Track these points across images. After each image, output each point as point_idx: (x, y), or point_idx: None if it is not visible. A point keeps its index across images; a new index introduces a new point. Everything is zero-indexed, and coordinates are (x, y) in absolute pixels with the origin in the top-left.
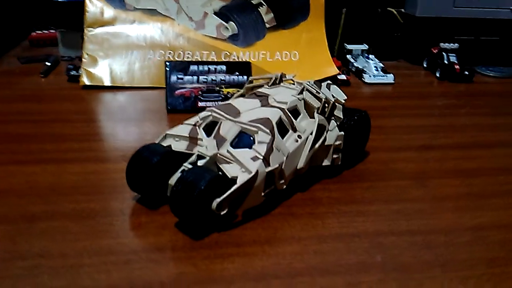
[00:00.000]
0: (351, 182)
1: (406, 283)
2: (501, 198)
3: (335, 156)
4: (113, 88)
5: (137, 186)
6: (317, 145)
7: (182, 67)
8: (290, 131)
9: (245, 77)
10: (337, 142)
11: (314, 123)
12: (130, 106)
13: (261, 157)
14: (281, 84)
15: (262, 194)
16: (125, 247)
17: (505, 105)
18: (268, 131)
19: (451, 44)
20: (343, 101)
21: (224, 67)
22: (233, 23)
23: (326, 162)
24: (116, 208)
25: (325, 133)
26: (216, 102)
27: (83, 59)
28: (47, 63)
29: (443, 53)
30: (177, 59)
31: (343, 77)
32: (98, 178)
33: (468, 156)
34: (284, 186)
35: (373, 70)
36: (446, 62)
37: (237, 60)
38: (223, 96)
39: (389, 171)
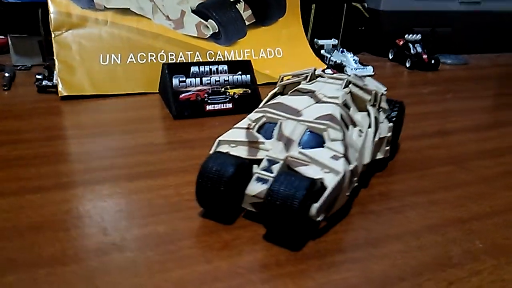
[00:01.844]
0: (401, 173)
1: None
2: None
3: (386, 148)
4: (95, 98)
5: (210, 202)
6: (376, 138)
7: (181, 69)
8: (351, 126)
9: (248, 76)
10: (389, 134)
11: (366, 116)
12: (130, 116)
13: (342, 155)
14: (318, 79)
15: (347, 194)
16: (227, 271)
17: (477, 88)
18: (338, 127)
19: (415, 35)
20: (385, 92)
21: (226, 67)
22: (213, 21)
23: (379, 155)
24: (188, 228)
25: (379, 125)
26: (223, 104)
27: (56, 67)
28: (6, 73)
29: (409, 44)
30: (160, 60)
31: (329, 71)
32: (147, 198)
33: (482, 138)
34: (356, 184)
35: (352, 64)
36: (413, 52)
37: (223, 59)
38: (230, 98)
39: (427, 159)
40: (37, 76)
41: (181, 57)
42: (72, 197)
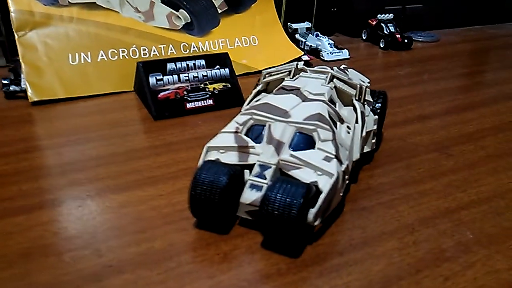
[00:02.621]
0: (388, 163)
1: (508, 253)
2: None
3: (373, 141)
4: (67, 100)
5: (205, 214)
6: (364, 133)
7: (157, 66)
8: (338, 123)
9: (227, 69)
10: (375, 127)
11: (352, 111)
12: (107, 119)
13: (334, 156)
14: (300, 74)
15: (341, 194)
16: (231, 286)
17: (452, 67)
18: (327, 127)
19: (387, 14)
20: (369, 84)
21: (203, 61)
22: (184, 11)
23: (366, 149)
24: (184, 242)
25: (365, 119)
26: (204, 101)
27: (23, 70)
28: None
29: (382, 24)
30: (132, 56)
31: (306, 58)
32: (138, 210)
33: (461, 121)
34: (347, 181)
35: (328, 48)
36: (386, 32)
37: (197, 51)
38: (210, 93)
39: (411, 146)
40: (4, 82)
41: (154, 51)
42: (59, 216)
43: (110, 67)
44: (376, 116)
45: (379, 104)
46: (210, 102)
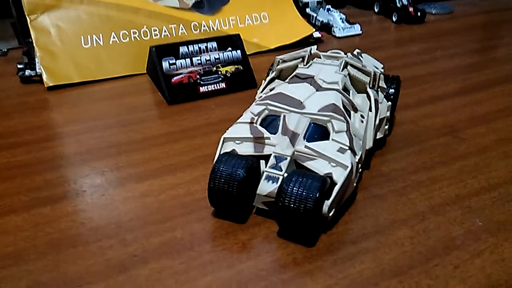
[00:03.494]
0: (400, 149)
1: None
2: None
3: (386, 127)
4: (82, 84)
5: (223, 205)
6: (377, 121)
7: (170, 50)
8: (352, 112)
9: (239, 51)
10: (388, 113)
11: (366, 98)
12: (122, 104)
13: (348, 148)
14: (314, 60)
15: (354, 184)
16: (250, 275)
17: (465, 42)
18: (341, 118)
19: None
20: (383, 70)
21: (215, 44)
22: None
23: (379, 135)
24: (204, 231)
25: (379, 106)
26: (217, 85)
27: (37, 55)
28: None
29: None
30: (143, 38)
31: (317, 34)
32: (159, 200)
33: (474, 101)
34: (360, 170)
35: (339, 23)
36: (399, 5)
37: (208, 30)
38: (222, 77)
39: (424, 130)
40: (19, 66)
41: (165, 31)
42: (84, 205)
43: (122, 49)
44: (390, 103)
45: (393, 90)
46: (223, 85)
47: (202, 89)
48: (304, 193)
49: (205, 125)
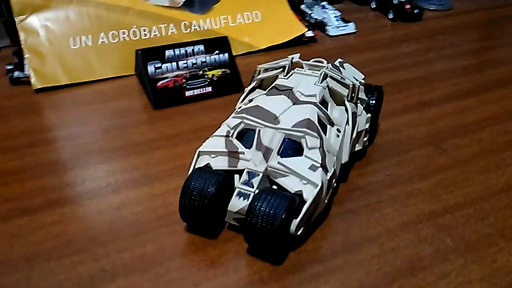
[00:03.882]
0: (380, 160)
1: (484, 263)
2: (510, 150)
3: (365, 139)
4: (70, 87)
5: (194, 219)
6: (354, 135)
7: (156, 54)
8: (328, 126)
9: (226, 54)
10: (367, 126)
11: (344, 111)
12: (108, 108)
13: (319, 165)
14: (295, 70)
15: (326, 201)
16: None
17: (461, 42)
18: (315, 134)
19: None
20: (363, 81)
21: (202, 47)
22: None
23: (358, 147)
24: (175, 246)
25: (357, 119)
26: (203, 89)
27: (25, 56)
28: None
29: None
30: (132, 38)
31: (310, 33)
32: (133, 212)
33: (461, 109)
34: (335, 184)
35: (333, 21)
36: (396, 2)
37: (199, 30)
38: (208, 81)
39: (406, 139)
40: (8, 67)
41: (154, 31)
42: (61, 217)
43: (111, 50)
44: (369, 115)
45: (373, 101)
46: (209, 89)
47: (188, 93)
48: (271, 212)
49: (188, 132)
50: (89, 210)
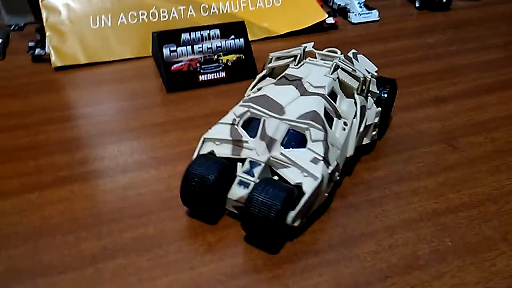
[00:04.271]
0: (388, 155)
1: (482, 266)
2: None
3: (373, 133)
4: (89, 66)
5: (194, 204)
6: (361, 128)
7: (172, 37)
8: (335, 119)
9: (242, 39)
10: (376, 119)
11: (353, 104)
12: (123, 89)
13: (322, 158)
14: (307, 60)
15: (326, 194)
16: (209, 278)
17: (487, 35)
18: (320, 126)
19: None
20: (375, 74)
21: (218, 31)
22: None
23: (366, 141)
24: (175, 229)
25: (366, 113)
26: (217, 74)
27: (46, 34)
28: None
29: None
30: (151, 19)
31: (331, 20)
32: (139, 193)
33: (480, 106)
34: (338, 178)
35: (357, 8)
36: None
37: (218, 13)
38: (223, 66)
39: (418, 135)
40: (30, 44)
41: (173, 13)
42: (69, 195)
43: (129, 31)
44: (379, 108)
45: (385, 95)
46: (223, 74)
47: (201, 77)
48: (268, 202)
49: (199, 117)
50: (96, 189)
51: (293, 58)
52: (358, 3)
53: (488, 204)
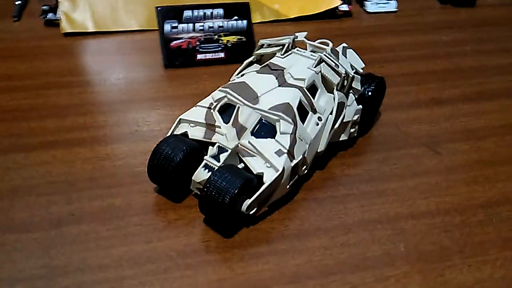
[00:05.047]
0: (366, 153)
1: (429, 275)
2: (510, 164)
3: (352, 130)
4: (97, 34)
5: (160, 182)
6: (337, 125)
7: (175, 13)
8: (310, 113)
9: (245, 21)
10: (355, 117)
11: (332, 100)
12: (123, 61)
13: (286, 151)
14: (295, 50)
15: (288, 187)
16: (161, 253)
17: (508, 38)
18: (290, 119)
19: None
20: (361, 70)
21: (221, 11)
22: None
23: (343, 137)
24: (141, 203)
25: (344, 110)
26: (215, 54)
27: (59, 0)
28: (17, 1)
29: None
30: None
31: (344, 7)
32: (114, 165)
33: (476, 112)
34: (306, 171)
35: None
36: None
37: None
38: (222, 46)
39: (402, 136)
40: (43, 8)
41: None
42: (51, 158)
43: (139, 3)
44: (360, 106)
45: (369, 93)
46: (222, 55)
47: (199, 56)
48: (224, 188)
49: (189, 96)
50: (76, 156)
51: (280, 47)
52: None
53: (454, 215)
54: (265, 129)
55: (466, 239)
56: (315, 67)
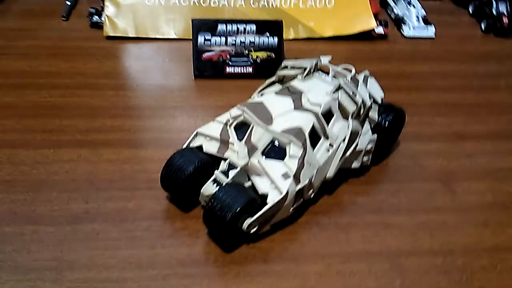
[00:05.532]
0: (378, 183)
1: None
2: None
3: (365, 158)
4: (136, 39)
5: (171, 191)
6: (348, 153)
7: (209, 26)
8: (322, 138)
9: (276, 38)
10: (369, 146)
11: (346, 127)
12: (157, 67)
13: (292, 175)
14: (316, 74)
15: (291, 210)
16: (162, 260)
17: None
18: (300, 144)
19: None
20: (380, 101)
21: (254, 26)
22: None
23: (355, 165)
24: (151, 209)
25: (357, 138)
26: (244, 68)
27: (105, 4)
28: (67, 1)
29: (493, 0)
30: (202, 4)
31: (380, 30)
32: (133, 169)
33: (500, 151)
34: (312, 196)
35: (413, 20)
36: (494, 12)
37: (267, 6)
38: (251, 61)
39: (417, 168)
40: (90, 10)
41: (223, 1)
42: (77, 157)
43: (179, 12)
44: (375, 135)
45: (385, 125)
46: (250, 70)
47: (228, 69)
48: (227, 204)
49: (214, 107)
50: (100, 157)
51: (303, 69)
52: (417, 16)
53: (456, 256)
54: (275, 151)
55: (465, 283)
56: (333, 93)
